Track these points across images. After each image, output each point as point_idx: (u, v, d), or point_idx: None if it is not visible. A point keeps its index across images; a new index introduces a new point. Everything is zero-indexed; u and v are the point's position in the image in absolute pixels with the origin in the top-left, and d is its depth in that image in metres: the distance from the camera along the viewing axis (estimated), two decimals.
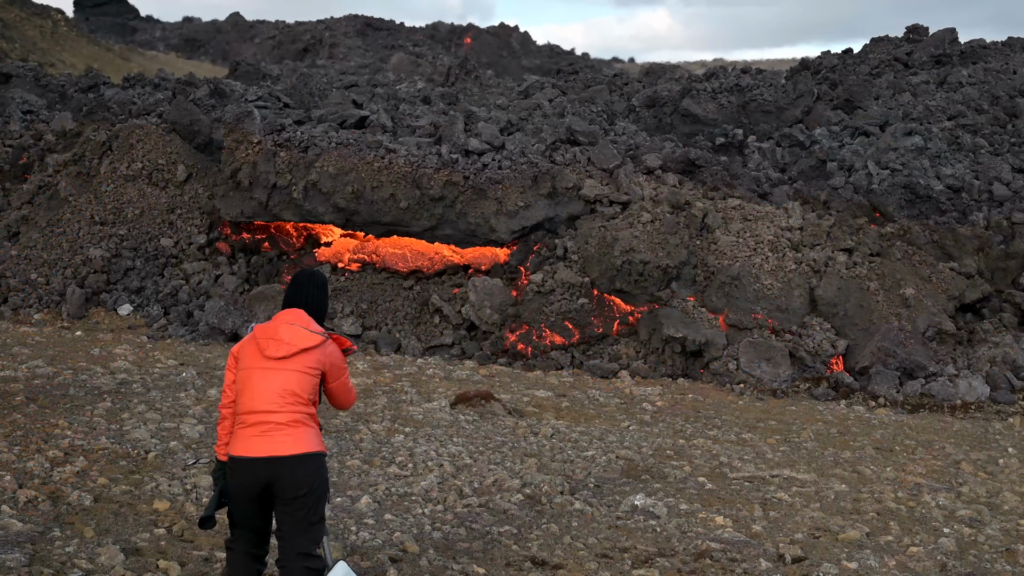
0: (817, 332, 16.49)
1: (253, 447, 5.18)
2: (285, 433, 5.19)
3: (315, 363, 5.33)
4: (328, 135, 18.41)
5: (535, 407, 12.68)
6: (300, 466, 5.20)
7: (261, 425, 5.20)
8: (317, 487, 5.28)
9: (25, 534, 6.37)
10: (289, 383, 5.24)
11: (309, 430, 5.29)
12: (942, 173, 19.51)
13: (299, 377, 5.27)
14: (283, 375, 5.24)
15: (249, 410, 5.22)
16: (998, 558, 7.93)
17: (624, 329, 16.77)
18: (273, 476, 5.20)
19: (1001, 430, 13.68)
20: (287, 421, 5.19)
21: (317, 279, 5.66)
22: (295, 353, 5.26)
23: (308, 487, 5.23)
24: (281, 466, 5.18)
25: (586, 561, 7.09)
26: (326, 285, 5.69)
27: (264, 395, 5.23)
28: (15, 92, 25.71)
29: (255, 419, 5.20)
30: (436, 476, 8.77)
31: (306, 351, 5.29)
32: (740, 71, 24.41)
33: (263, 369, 5.28)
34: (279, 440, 5.18)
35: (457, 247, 18.19)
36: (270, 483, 5.23)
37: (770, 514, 8.65)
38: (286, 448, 5.18)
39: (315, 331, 5.38)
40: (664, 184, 18.80)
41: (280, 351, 5.26)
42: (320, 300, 5.62)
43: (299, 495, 5.23)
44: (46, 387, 10.93)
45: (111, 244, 18.49)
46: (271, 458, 5.17)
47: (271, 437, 5.19)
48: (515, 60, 60.04)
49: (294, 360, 5.26)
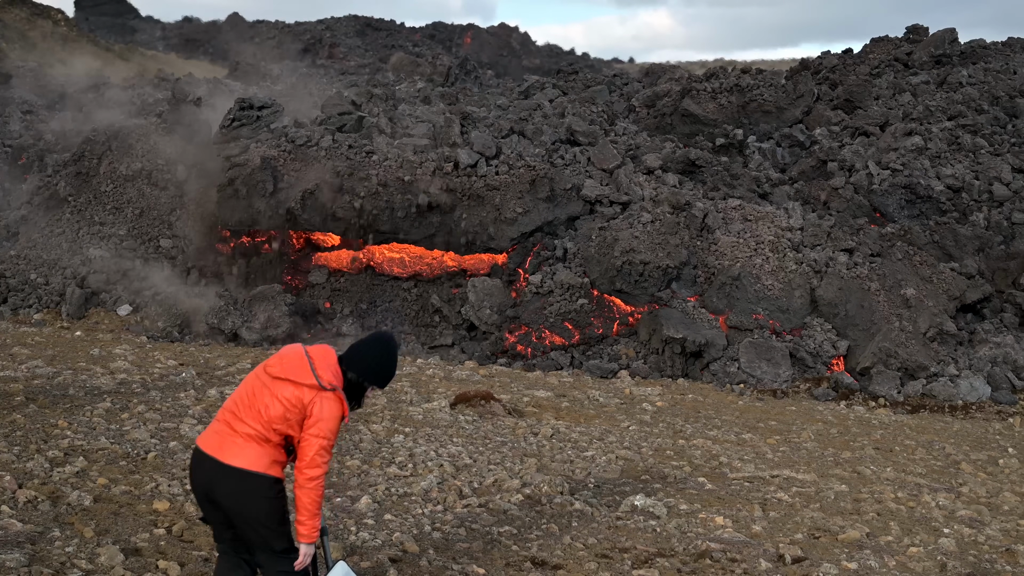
0: (818, 333, 16.49)
1: (208, 441, 5.07)
2: (234, 442, 4.99)
3: (294, 399, 4.97)
4: (326, 140, 18.31)
5: (535, 407, 12.67)
6: (234, 479, 4.93)
7: (223, 424, 5.08)
8: (258, 514, 4.95)
9: (25, 534, 6.37)
10: (264, 402, 5.02)
11: (261, 450, 4.95)
12: (942, 173, 19.51)
13: (275, 403, 5.00)
14: (265, 393, 5.06)
15: (225, 407, 5.16)
16: (998, 558, 7.92)
17: (624, 329, 16.76)
18: (210, 479, 4.99)
19: (1001, 430, 13.67)
20: (243, 432, 4.99)
21: (382, 339, 5.22)
22: (283, 379, 5.05)
23: (244, 508, 4.94)
24: (218, 472, 4.96)
25: (586, 561, 7.09)
26: (385, 350, 5.18)
27: (241, 401, 5.11)
28: (15, 92, 25.70)
29: (223, 417, 5.10)
30: (436, 476, 8.77)
31: (292, 383, 5.01)
32: (740, 71, 24.40)
33: (257, 379, 5.18)
34: (226, 446, 4.99)
35: (456, 254, 18.12)
36: (210, 488, 5.00)
37: (770, 514, 8.65)
38: (227, 455, 4.96)
39: (320, 374, 5.01)
40: (664, 184, 18.79)
41: (275, 370, 5.11)
42: (368, 357, 5.13)
43: (238, 513, 4.96)
44: (46, 387, 10.92)
45: (111, 244, 18.48)
46: (212, 459, 4.99)
47: (222, 439, 5.02)
48: (515, 60, 60.05)
49: (279, 384, 5.05)
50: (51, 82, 27.68)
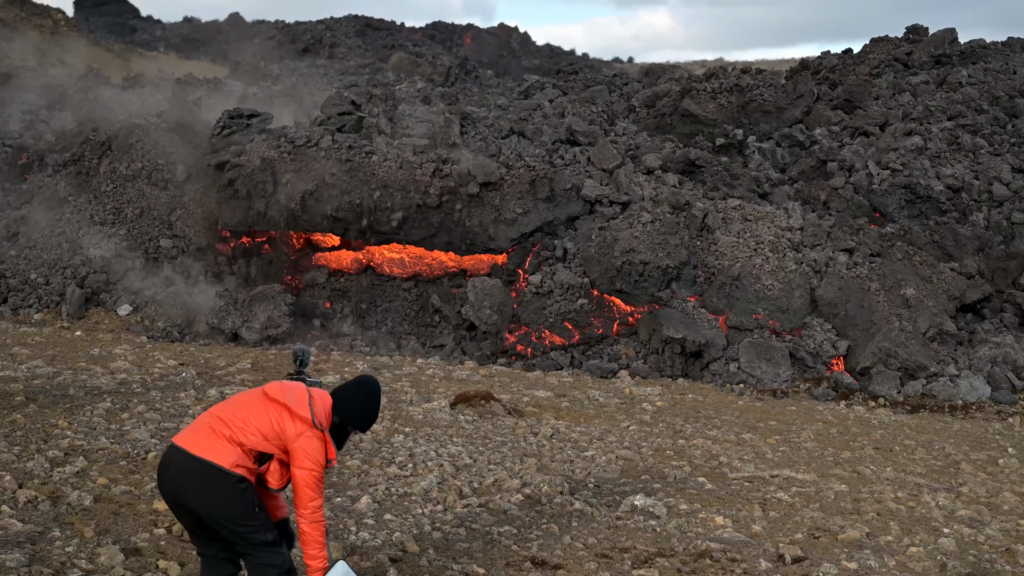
0: (818, 333, 16.49)
1: (183, 437, 5.05)
2: (208, 438, 4.99)
3: (284, 423, 5.04)
4: (325, 141, 18.29)
5: (535, 407, 12.67)
6: (198, 473, 4.90)
7: (203, 424, 5.07)
8: (225, 510, 4.92)
9: (25, 534, 6.36)
10: (253, 413, 5.06)
11: (231, 449, 4.95)
12: (942, 173, 19.51)
13: (263, 418, 5.04)
14: (258, 407, 5.09)
15: (210, 411, 5.15)
16: (998, 558, 7.92)
17: (624, 329, 16.76)
18: (177, 477, 4.93)
19: (1001, 430, 13.67)
20: (220, 432, 5.00)
21: (366, 385, 5.33)
22: (280, 403, 5.10)
23: (210, 506, 4.90)
24: (184, 467, 4.92)
25: (586, 561, 7.09)
26: (369, 397, 5.31)
27: (227, 407, 5.14)
28: (15, 92, 25.70)
29: (204, 418, 5.09)
30: (436, 476, 8.77)
31: (288, 410, 5.07)
32: (740, 71, 24.40)
33: (251, 395, 5.22)
34: (199, 440, 4.98)
35: (456, 254, 18.11)
36: (177, 491, 4.96)
37: (770, 514, 8.65)
38: (197, 448, 4.95)
39: (315, 413, 5.10)
40: (664, 184, 18.79)
41: (274, 393, 5.15)
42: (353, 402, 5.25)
43: (207, 513, 4.92)
44: (46, 387, 10.92)
45: (111, 244, 18.48)
46: (182, 450, 4.96)
47: (197, 435, 5.01)
48: (515, 60, 60.06)
49: (275, 405, 5.09)
50: (51, 82, 27.65)
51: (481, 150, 18.54)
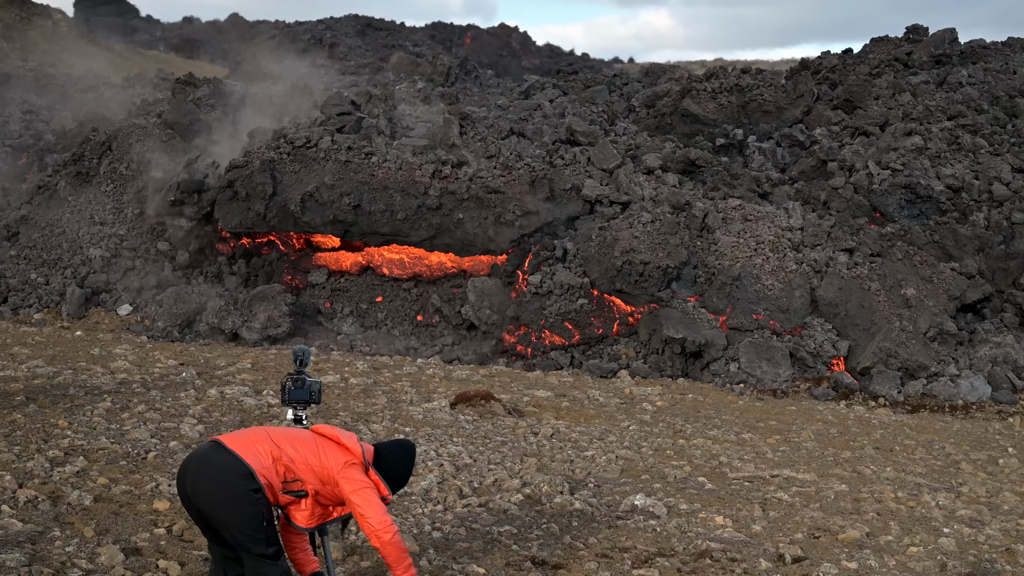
0: (818, 332, 16.49)
1: (226, 436, 5.09)
2: (245, 438, 5.05)
3: (326, 455, 5.11)
4: (325, 142, 18.27)
5: (535, 407, 12.67)
6: (220, 466, 4.91)
7: (252, 432, 5.15)
8: (232, 513, 4.90)
9: (25, 534, 6.36)
10: (303, 442, 5.11)
11: (264, 457, 4.99)
12: (942, 173, 19.50)
13: (312, 449, 5.11)
14: (308, 438, 5.16)
15: (263, 427, 5.28)
16: (998, 558, 7.92)
17: (624, 329, 16.76)
18: (196, 470, 4.93)
19: (1001, 430, 13.68)
20: (261, 439, 5.05)
21: (407, 448, 5.48)
22: (332, 439, 5.21)
23: (220, 505, 4.90)
24: (210, 448, 4.97)
25: (586, 561, 7.09)
26: (407, 459, 5.45)
27: (281, 431, 5.19)
28: (15, 92, 25.70)
29: (255, 427, 5.24)
30: (436, 476, 8.77)
31: (341, 446, 5.17)
32: (740, 71, 24.39)
33: (300, 429, 5.30)
34: (235, 438, 5.04)
35: (456, 255, 18.09)
36: (194, 486, 4.92)
37: (770, 514, 8.65)
38: (230, 440, 5.00)
39: (366, 454, 5.25)
40: (664, 184, 18.79)
41: (325, 431, 5.25)
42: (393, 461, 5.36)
43: (213, 512, 4.91)
44: (46, 387, 10.92)
45: (111, 244, 18.47)
46: (219, 442, 5.00)
47: (236, 435, 5.07)
48: (515, 60, 60.01)
49: (326, 441, 5.19)
50: (51, 82, 27.66)
51: (481, 150, 18.53)
